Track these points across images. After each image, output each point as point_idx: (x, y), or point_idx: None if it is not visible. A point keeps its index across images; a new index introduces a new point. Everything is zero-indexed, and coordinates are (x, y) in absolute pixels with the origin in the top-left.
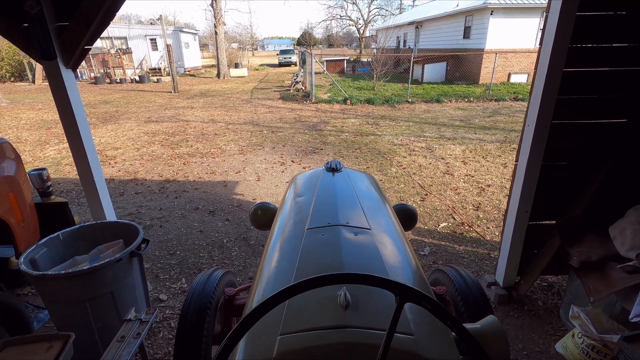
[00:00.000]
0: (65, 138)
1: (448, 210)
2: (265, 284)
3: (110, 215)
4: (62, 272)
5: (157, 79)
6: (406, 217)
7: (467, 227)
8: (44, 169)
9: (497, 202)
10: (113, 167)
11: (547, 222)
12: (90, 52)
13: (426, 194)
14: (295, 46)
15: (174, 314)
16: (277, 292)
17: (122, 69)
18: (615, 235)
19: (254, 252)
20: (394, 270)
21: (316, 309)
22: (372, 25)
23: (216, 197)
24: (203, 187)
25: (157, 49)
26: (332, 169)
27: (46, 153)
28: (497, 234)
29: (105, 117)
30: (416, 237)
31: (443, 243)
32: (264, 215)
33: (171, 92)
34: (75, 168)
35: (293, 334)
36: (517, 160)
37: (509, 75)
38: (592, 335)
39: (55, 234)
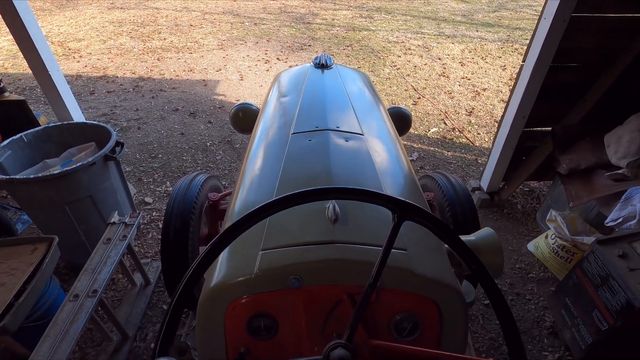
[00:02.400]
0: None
1: (440, 115)
2: (246, 193)
3: (78, 116)
4: (32, 176)
5: None
6: (400, 121)
7: (457, 133)
8: None
9: (491, 107)
10: (78, 61)
11: (541, 129)
12: None
13: (419, 98)
14: None
15: (161, 215)
16: (257, 207)
17: None
18: (609, 143)
19: (239, 156)
20: (387, 181)
21: (302, 223)
22: None
23: (196, 98)
24: (181, 87)
25: None
26: (322, 65)
27: None
28: (487, 140)
29: (61, 0)
30: (405, 142)
31: (432, 148)
32: (245, 118)
33: None
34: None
35: (276, 249)
36: (524, 60)
37: None
38: (565, 236)
39: (18, 135)
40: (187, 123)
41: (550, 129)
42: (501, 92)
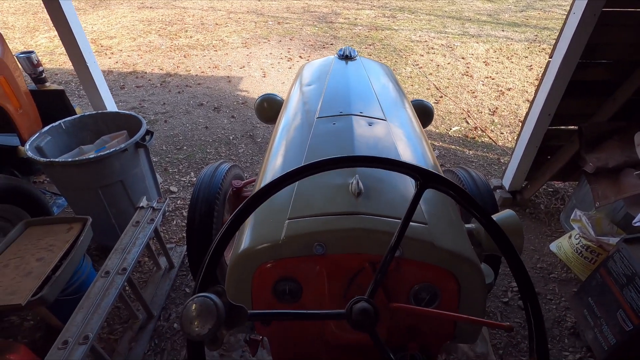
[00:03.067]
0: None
1: (462, 114)
2: (271, 173)
3: (111, 106)
4: (70, 159)
5: None
6: (423, 114)
7: (479, 132)
8: (32, 51)
9: (516, 107)
10: (110, 58)
11: (567, 127)
12: None
13: (441, 96)
14: None
15: (185, 204)
16: (287, 172)
17: None
18: (639, 142)
19: (260, 150)
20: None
21: (326, 196)
22: None
23: (220, 93)
24: (206, 82)
25: None
26: (346, 56)
27: (37, 41)
28: (510, 139)
29: (94, 0)
30: None
31: (453, 147)
32: (270, 108)
33: None
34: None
35: (302, 219)
36: (550, 57)
37: None
38: (590, 237)
39: (57, 122)
40: (211, 117)
41: (577, 127)
42: (526, 92)
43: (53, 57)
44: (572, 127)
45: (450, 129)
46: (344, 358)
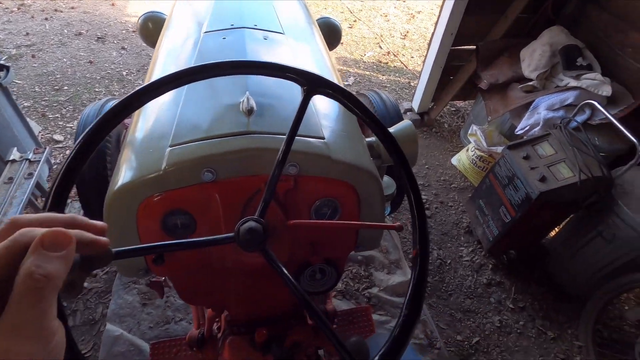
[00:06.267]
0: None
1: (376, 38)
2: None
3: None
4: None
5: None
6: (329, 32)
7: (392, 57)
8: None
9: (425, 29)
10: None
11: (468, 47)
12: None
13: (355, 20)
14: None
15: None
16: (151, 82)
17: None
18: (524, 57)
19: None
20: None
21: (214, 117)
22: None
23: (103, 19)
24: (82, 6)
25: None
26: None
27: None
28: (419, 63)
29: None
30: (342, 67)
31: (367, 73)
32: (157, 28)
33: None
34: None
35: (186, 144)
36: None
37: None
38: (483, 148)
39: None
40: (95, 50)
41: (475, 46)
42: (434, 14)
43: None
44: (472, 46)
45: (365, 55)
46: (250, 282)
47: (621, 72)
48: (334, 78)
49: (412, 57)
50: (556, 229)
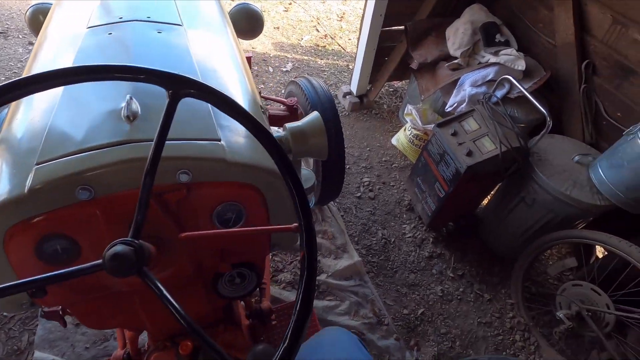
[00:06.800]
0: None
1: (312, 21)
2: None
3: None
4: None
5: None
6: (248, 20)
7: (329, 40)
8: None
9: (360, 10)
10: None
11: (398, 27)
12: None
13: (290, 3)
14: None
15: None
16: None
17: None
18: (449, 36)
19: None
20: (210, 75)
21: (90, 126)
22: None
23: (4, 12)
24: None
25: None
26: None
27: None
28: (356, 45)
29: None
30: (279, 53)
31: (306, 58)
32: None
33: None
34: None
35: (56, 160)
36: None
37: None
38: (418, 127)
39: None
40: None
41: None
42: None
43: None
44: (402, 27)
45: (302, 39)
46: (156, 298)
47: (534, 46)
48: (242, 74)
49: (349, 39)
50: (488, 198)
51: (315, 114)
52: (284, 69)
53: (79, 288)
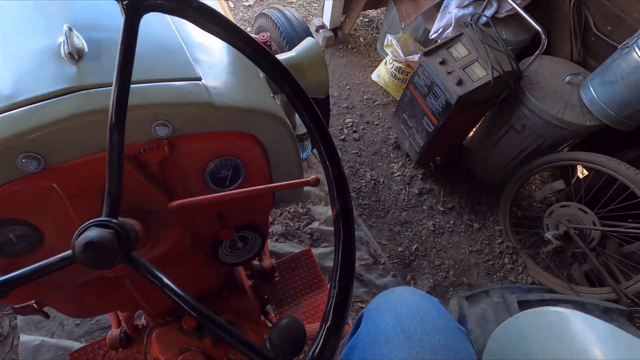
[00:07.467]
0: None
1: None
2: None
3: None
4: None
5: None
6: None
7: None
8: None
9: None
10: None
11: None
12: None
13: None
14: None
15: None
16: None
17: None
18: None
19: None
20: None
21: (22, 72)
22: None
23: None
24: None
25: None
26: None
27: None
28: None
29: None
30: None
31: None
32: None
33: None
34: None
35: None
36: None
37: None
38: (400, 58)
39: None
40: None
41: None
42: None
43: None
44: None
45: None
46: (143, 281)
47: None
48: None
49: None
50: (475, 128)
51: (310, 40)
52: (246, 3)
53: (48, 283)
